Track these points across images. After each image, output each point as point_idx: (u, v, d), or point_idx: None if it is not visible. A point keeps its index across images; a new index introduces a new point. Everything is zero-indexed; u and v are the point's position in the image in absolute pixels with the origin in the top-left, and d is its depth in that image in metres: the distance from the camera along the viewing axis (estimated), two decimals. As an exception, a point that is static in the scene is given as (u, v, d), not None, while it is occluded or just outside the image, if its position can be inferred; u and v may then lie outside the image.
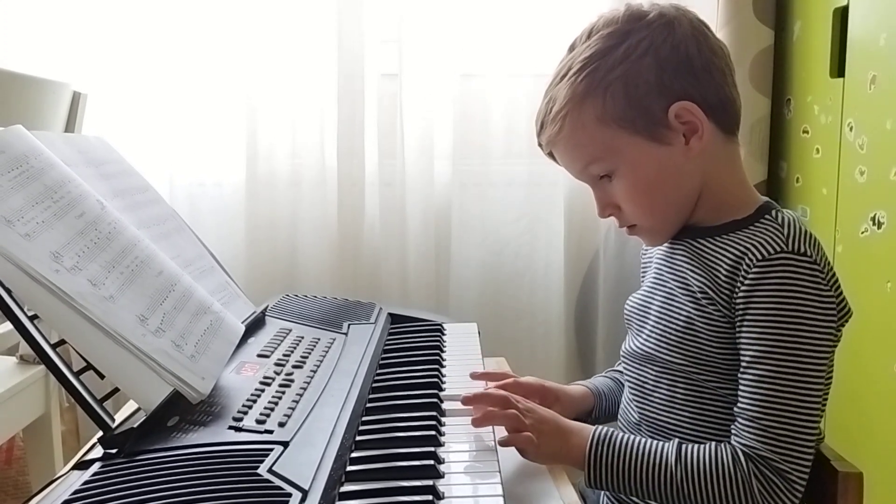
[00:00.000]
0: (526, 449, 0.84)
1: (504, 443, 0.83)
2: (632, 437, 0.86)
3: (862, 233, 1.45)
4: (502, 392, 0.90)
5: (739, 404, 0.83)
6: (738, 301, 0.84)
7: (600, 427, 0.87)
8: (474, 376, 1.01)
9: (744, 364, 0.84)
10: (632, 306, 1.00)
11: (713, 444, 0.83)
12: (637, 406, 0.96)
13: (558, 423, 0.88)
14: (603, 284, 1.96)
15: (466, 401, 0.88)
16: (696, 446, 0.84)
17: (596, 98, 0.87)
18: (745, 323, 0.83)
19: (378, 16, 1.89)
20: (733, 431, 0.84)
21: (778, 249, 0.82)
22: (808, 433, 0.80)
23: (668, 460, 0.83)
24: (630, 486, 0.84)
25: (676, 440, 0.85)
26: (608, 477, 0.84)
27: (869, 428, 1.43)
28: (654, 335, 0.93)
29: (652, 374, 0.93)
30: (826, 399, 0.87)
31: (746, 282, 0.83)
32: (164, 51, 1.86)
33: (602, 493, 0.99)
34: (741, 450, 0.81)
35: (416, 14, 1.90)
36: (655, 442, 0.85)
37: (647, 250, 1.03)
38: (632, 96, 0.86)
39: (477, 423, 0.85)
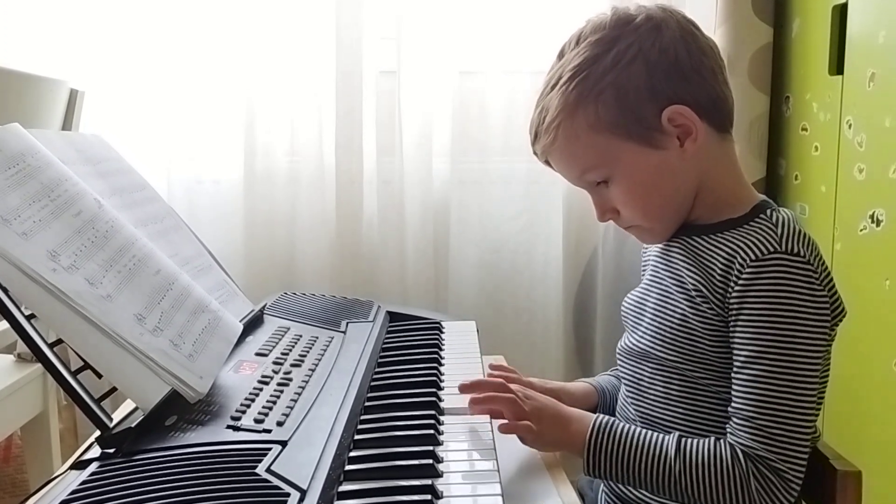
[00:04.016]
0: (525, 437, 0.85)
1: (503, 430, 0.84)
2: (633, 427, 0.87)
3: (861, 230, 1.44)
4: (499, 379, 0.91)
5: (734, 404, 0.84)
6: (731, 301, 0.84)
7: (602, 415, 0.88)
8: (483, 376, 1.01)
9: (738, 364, 0.84)
10: (629, 303, 1.01)
11: (712, 438, 0.84)
12: (633, 403, 0.96)
13: (558, 410, 0.89)
14: (601, 282, 1.96)
15: (464, 388, 0.89)
16: (695, 440, 0.84)
17: (588, 107, 0.87)
18: (739, 323, 0.83)
19: (376, 13, 1.89)
20: (729, 430, 0.84)
21: (771, 249, 0.82)
22: (803, 432, 0.81)
23: (667, 452, 0.83)
24: (628, 476, 0.84)
25: (677, 433, 0.85)
26: (607, 465, 0.85)
27: (868, 426, 1.43)
28: (649, 332, 0.94)
29: (647, 371, 0.94)
30: (822, 398, 0.87)
31: (740, 282, 0.83)
32: (162, 48, 1.86)
33: (601, 492, 0.99)
34: (739, 448, 0.81)
35: (415, 11, 1.90)
36: (656, 434, 0.86)
37: (647, 248, 1.03)
38: (623, 103, 0.86)
39: (475, 405, 0.86)
